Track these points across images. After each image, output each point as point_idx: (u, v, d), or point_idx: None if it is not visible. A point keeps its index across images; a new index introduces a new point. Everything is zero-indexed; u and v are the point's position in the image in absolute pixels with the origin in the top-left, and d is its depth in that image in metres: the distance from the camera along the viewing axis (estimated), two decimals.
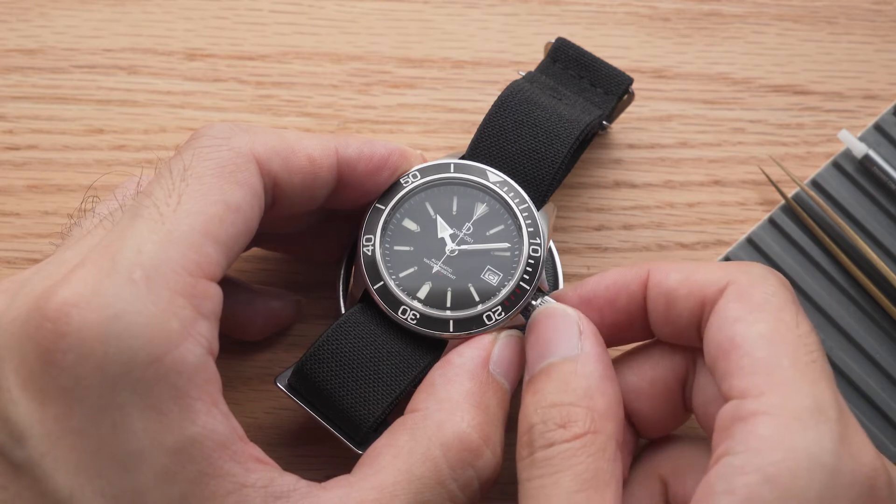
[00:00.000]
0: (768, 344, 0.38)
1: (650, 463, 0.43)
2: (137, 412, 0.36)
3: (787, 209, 0.52)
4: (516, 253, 0.45)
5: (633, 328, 0.43)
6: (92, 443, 0.36)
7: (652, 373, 0.43)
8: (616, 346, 0.44)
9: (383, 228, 0.45)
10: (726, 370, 0.38)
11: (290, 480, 0.38)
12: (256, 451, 0.38)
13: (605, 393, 0.40)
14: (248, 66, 0.55)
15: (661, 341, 0.44)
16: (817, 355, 0.38)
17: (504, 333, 0.44)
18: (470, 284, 0.45)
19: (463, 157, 0.47)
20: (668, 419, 0.43)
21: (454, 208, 0.46)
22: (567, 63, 0.51)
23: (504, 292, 0.44)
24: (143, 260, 0.37)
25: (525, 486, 0.39)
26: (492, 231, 0.45)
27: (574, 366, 0.41)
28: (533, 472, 0.39)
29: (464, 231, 0.46)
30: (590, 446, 0.38)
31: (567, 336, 0.42)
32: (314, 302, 0.51)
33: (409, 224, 0.46)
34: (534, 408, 0.40)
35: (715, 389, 0.41)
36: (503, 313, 0.44)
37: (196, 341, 0.37)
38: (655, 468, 0.43)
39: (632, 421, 0.43)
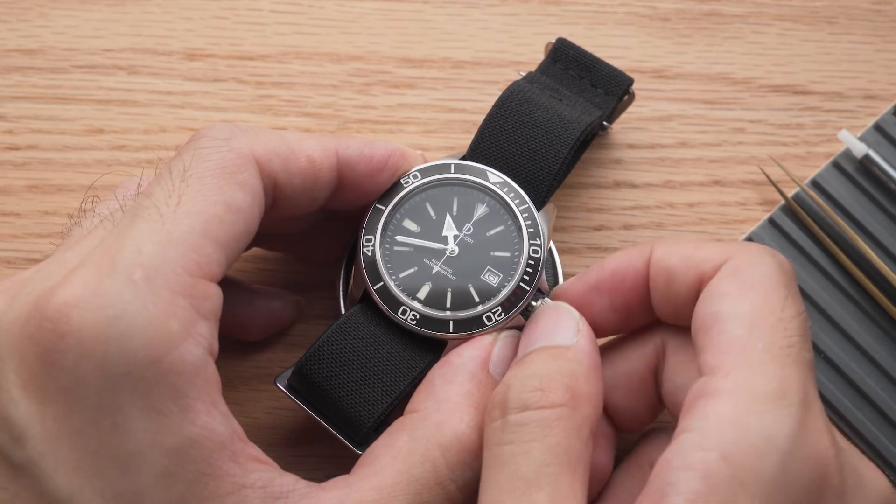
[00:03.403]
0: (748, 324, 0.38)
1: (641, 452, 0.43)
2: (137, 412, 0.36)
3: (787, 209, 0.52)
4: (516, 254, 0.45)
5: (641, 309, 0.43)
6: (91, 443, 0.36)
7: (624, 366, 0.43)
8: (626, 331, 0.44)
9: (383, 229, 0.45)
10: (704, 344, 0.39)
11: (289, 480, 0.38)
12: (256, 451, 0.39)
13: (589, 381, 0.40)
14: (248, 66, 0.55)
15: (630, 335, 0.44)
16: (796, 340, 0.38)
17: (504, 334, 0.44)
18: (470, 285, 0.45)
19: (463, 158, 0.47)
20: (645, 411, 0.43)
21: (454, 209, 0.46)
22: (567, 63, 0.51)
23: (504, 293, 0.44)
24: (143, 260, 0.37)
25: (494, 451, 0.38)
26: (492, 232, 0.45)
27: (565, 351, 0.40)
28: (504, 437, 0.38)
29: (464, 231, 0.46)
30: (566, 420, 0.38)
31: (565, 328, 0.42)
32: (314, 302, 0.51)
33: (410, 224, 0.46)
34: (514, 373, 0.40)
35: (683, 378, 0.41)
36: (503, 314, 0.44)
37: (196, 342, 0.37)
38: (646, 458, 0.43)
39: (609, 415, 0.43)
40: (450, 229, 0.45)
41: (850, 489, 0.38)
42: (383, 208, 0.45)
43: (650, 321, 0.44)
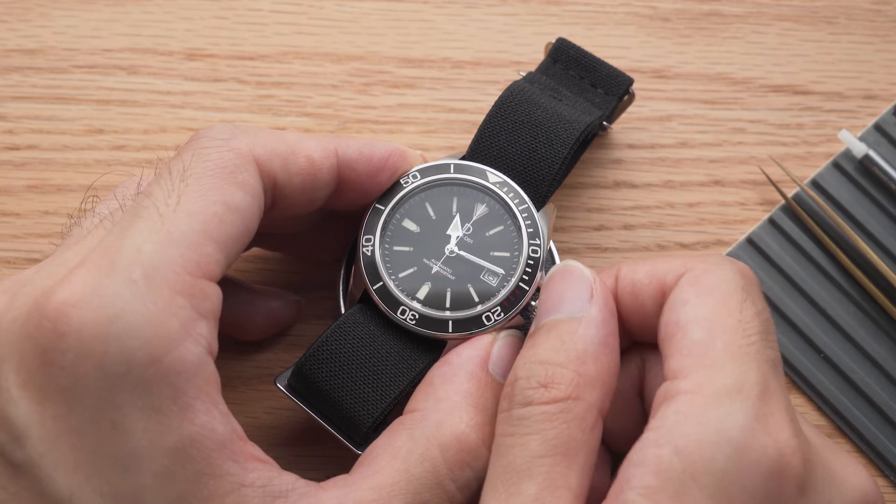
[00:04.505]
0: (707, 327, 0.39)
1: None
2: (137, 412, 0.36)
3: (787, 209, 0.52)
4: (516, 253, 0.45)
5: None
6: (91, 442, 0.36)
7: None
8: None
9: (383, 229, 0.45)
10: (668, 352, 0.39)
11: (288, 480, 0.38)
12: (255, 450, 0.39)
13: (598, 360, 0.40)
14: (248, 66, 0.55)
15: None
16: (755, 339, 0.38)
17: (503, 333, 0.44)
18: (469, 285, 0.45)
19: (463, 158, 0.47)
20: (635, 430, 0.42)
21: (454, 209, 0.46)
22: (567, 63, 0.51)
23: (503, 293, 0.44)
24: (142, 260, 0.37)
25: (497, 440, 0.39)
26: (491, 232, 0.45)
27: (576, 326, 0.40)
28: (506, 429, 0.39)
29: (463, 231, 0.46)
30: (567, 412, 0.38)
31: (577, 296, 0.41)
32: (314, 302, 0.51)
33: (409, 224, 0.46)
34: (524, 361, 0.40)
35: None
36: (502, 314, 0.44)
37: (195, 341, 0.37)
38: None
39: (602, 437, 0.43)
40: (455, 229, 0.45)
41: (818, 483, 0.38)
42: (383, 208, 0.45)
43: (624, 342, 0.44)
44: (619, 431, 0.43)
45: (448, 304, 0.44)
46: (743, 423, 0.36)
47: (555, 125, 0.47)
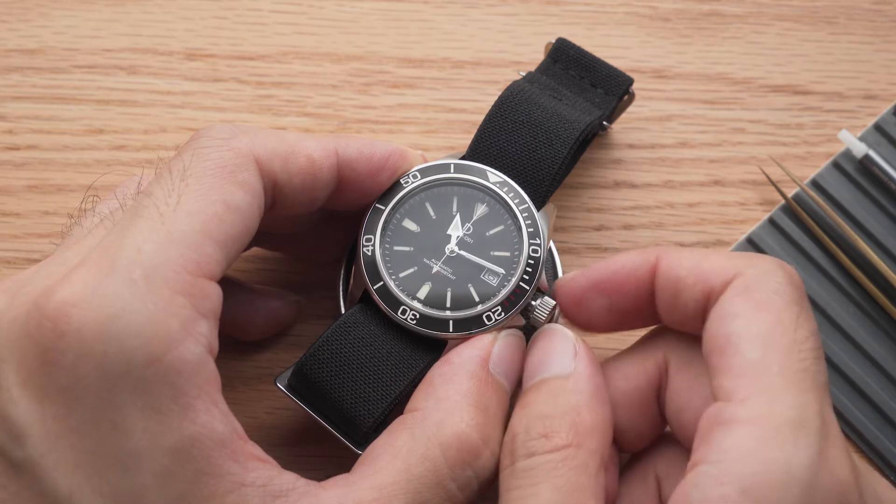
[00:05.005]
0: (762, 346, 0.37)
1: (645, 463, 0.43)
2: (137, 411, 0.36)
3: (787, 209, 0.52)
4: (516, 253, 0.45)
5: (641, 314, 0.43)
6: (91, 442, 0.36)
7: (625, 385, 0.42)
8: (625, 330, 0.44)
9: (383, 229, 0.45)
10: (718, 367, 0.38)
11: (289, 479, 0.38)
12: (256, 449, 0.39)
13: (593, 410, 0.40)
14: (248, 66, 0.55)
15: (630, 351, 0.43)
16: (810, 363, 0.38)
17: (504, 333, 0.44)
18: (469, 285, 0.45)
19: (463, 158, 0.47)
20: (648, 430, 0.43)
21: (454, 208, 0.46)
22: (567, 63, 0.51)
23: (504, 293, 0.44)
24: (142, 259, 0.37)
25: (505, 497, 0.39)
26: (491, 231, 0.45)
27: (565, 383, 0.41)
28: (513, 483, 0.39)
29: (463, 231, 0.46)
30: (571, 460, 0.38)
31: (563, 354, 0.41)
32: (314, 302, 0.51)
33: (409, 224, 0.46)
34: (519, 419, 0.40)
35: (689, 397, 0.41)
36: (503, 313, 0.44)
37: (196, 340, 0.37)
38: (651, 469, 0.43)
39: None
40: (455, 228, 0.45)
41: None
42: (383, 208, 0.45)
43: (649, 325, 0.44)
44: (630, 430, 0.43)
45: (448, 304, 0.44)
46: (808, 462, 0.35)
47: (555, 125, 0.47)
